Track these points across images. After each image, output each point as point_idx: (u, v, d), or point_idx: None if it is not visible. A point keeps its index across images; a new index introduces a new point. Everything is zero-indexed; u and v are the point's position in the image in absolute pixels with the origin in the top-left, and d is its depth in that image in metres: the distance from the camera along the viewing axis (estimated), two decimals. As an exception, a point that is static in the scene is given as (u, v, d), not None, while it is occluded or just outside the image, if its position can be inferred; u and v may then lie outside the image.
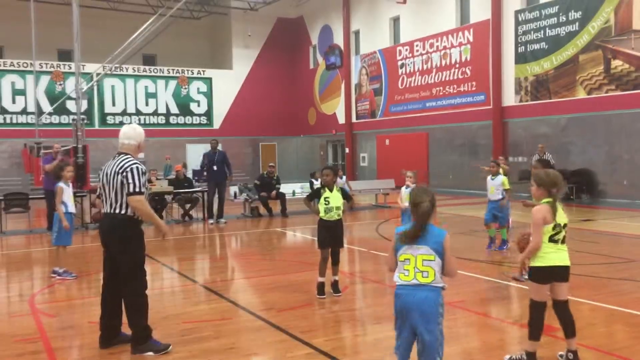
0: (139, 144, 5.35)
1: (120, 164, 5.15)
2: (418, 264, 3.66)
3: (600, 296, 6.86)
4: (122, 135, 5.33)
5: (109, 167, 5.24)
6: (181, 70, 32.52)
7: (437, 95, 25.13)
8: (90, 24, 26.16)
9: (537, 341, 4.68)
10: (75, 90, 18.45)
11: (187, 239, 13.00)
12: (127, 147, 5.31)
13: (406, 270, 3.68)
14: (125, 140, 5.32)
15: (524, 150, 21.34)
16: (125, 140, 5.32)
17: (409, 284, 3.66)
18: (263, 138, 34.52)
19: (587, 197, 18.79)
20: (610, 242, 11.06)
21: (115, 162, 5.21)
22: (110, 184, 5.17)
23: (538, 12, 20.59)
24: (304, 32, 34.63)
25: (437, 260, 3.66)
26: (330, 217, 7.16)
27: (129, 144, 5.31)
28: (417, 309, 3.61)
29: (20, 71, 28.77)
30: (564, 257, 4.62)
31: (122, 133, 5.35)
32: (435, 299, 3.65)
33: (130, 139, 5.32)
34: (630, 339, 5.43)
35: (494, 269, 8.51)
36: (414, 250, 3.68)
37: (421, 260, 3.66)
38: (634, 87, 17.64)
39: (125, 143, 5.31)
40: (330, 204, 7.16)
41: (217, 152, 15.14)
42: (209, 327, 5.99)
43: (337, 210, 7.18)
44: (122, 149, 5.32)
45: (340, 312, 6.54)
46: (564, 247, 4.69)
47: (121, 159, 5.21)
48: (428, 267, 3.65)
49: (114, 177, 5.14)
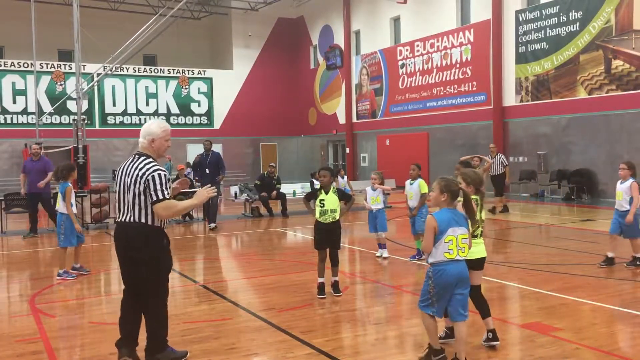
0: (152, 140, 4.74)
1: (140, 168, 4.60)
2: (459, 242, 4.57)
3: (601, 296, 6.86)
4: (140, 133, 4.83)
5: (127, 168, 4.69)
6: (182, 71, 32.54)
7: (438, 95, 25.13)
8: (90, 24, 26.18)
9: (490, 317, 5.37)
10: (76, 90, 18.47)
11: (188, 239, 13.01)
12: (142, 146, 4.78)
13: (450, 250, 4.54)
14: (140, 138, 4.81)
15: (525, 150, 21.34)
16: (140, 138, 4.80)
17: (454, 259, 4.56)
18: (263, 138, 34.53)
19: (588, 197, 18.78)
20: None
21: (134, 164, 4.67)
22: (127, 188, 4.62)
23: (539, 12, 20.58)
24: (304, 32, 34.63)
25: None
26: (324, 220, 7.09)
27: (142, 142, 4.78)
28: (459, 277, 4.58)
29: (21, 71, 28.79)
30: (482, 249, 5.19)
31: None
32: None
33: (143, 137, 4.77)
34: (631, 339, 5.43)
35: (493, 269, 8.50)
36: (454, 232, 4.55)
37: (461, 239, 4.58)
38: (634, 87, 17.63)
39: (140, 141, 4.80)
40: (325, 206, 7.08)
41: (211, 154, 14.64)
42: (209, 327, 5.99)
43: (332, 213, 7.08)
44: (139, 148, 4.82)
45: (340, 312, 6.54)
46: (482, 240, 5.23)
47: (140, 161, 4.68)
48: (465, 244, 4.59)
49: (134, 182, 4.58)
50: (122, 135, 30.23)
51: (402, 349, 5.25)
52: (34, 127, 26.00)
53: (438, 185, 4.63)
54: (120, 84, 30.80)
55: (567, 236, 11.80)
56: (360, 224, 14.83)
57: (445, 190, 4.60)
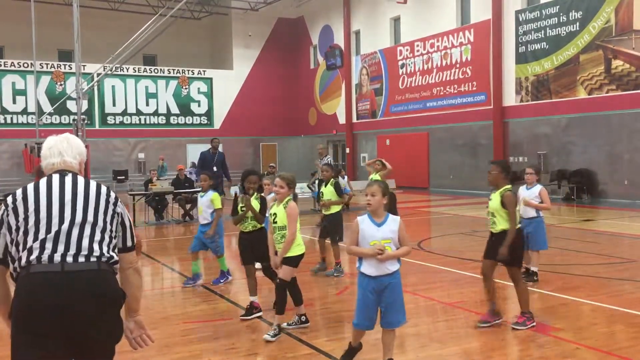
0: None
1: (99, 187, 2.98)
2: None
3: (601, 296, 6.86)
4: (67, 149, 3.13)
5: (62, 188, 2.89)
6: (182, 71, 32.53)
7: (438, 95, 25.13)
8: (90, 24, 26.20)
9: (282, 315, 5.65)
10: (76, 90, 18.47)
11: (187, 239, 12.98)
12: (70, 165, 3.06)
13: None
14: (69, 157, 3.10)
15: (525, 150, 21.34)
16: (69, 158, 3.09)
17: None
18: (264, 138, 34.52)
19: (588, 197, 18.79)
20: (611, 243, 11.05)
21: (77, 182, 2.94)
22: (78, 209, 2.85)
23: (539, 12, 20.58)
24: (304, 32, 34.63)
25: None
26: (244, 228, 6.54)
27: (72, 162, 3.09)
28: None
29: (21, 71, 28.77)
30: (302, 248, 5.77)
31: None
32: None
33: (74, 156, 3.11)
34: (631, 339, 5.43)
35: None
36: None
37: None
38: (634, 87, 17.63)
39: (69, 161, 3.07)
40: (246, 214, 6.53)
41: (217, 153, 14.71)
42: (209, 327, 5.99)
43: (253, 221, 6.47)
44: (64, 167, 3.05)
45: (340, 312, 6.54)
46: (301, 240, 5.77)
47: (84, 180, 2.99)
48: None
49: (98, 204, 2.90)
50: (122, 135, 30.22)
51: (403, 349, 5.25)
52: (34, 127, 26.01)
53: (380, 188, 4.52)
54: (120, 84, 30.78)
55: (567, 236, 11.79)
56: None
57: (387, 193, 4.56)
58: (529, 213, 7.67)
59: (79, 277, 2.73)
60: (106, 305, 2.79)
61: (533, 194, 7.68)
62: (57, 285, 2.69)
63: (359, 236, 4.50)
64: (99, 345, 2.83)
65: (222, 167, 14.60)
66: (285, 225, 5.65)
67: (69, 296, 2.69)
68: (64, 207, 2.82)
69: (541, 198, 7.64)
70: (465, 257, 9.50)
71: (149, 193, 15.83)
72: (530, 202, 7.66)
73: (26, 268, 2.73)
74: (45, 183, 2.89)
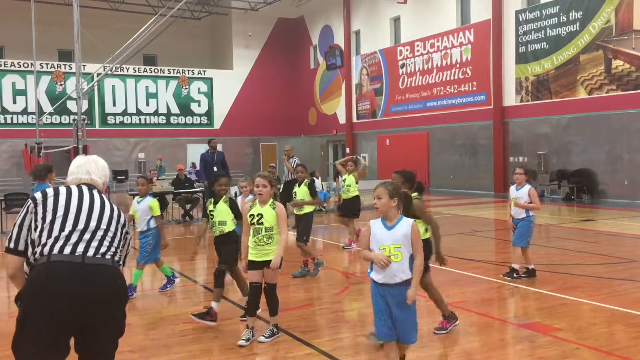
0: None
1: (114, 206, 3.30)
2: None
3: (601, 296, 6.86)
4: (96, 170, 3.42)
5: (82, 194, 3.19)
6: (182, 71, 32.54)
7: (438, 95, 25.12)
8: (90, 24, 26.15)
9: (253, 317, 5.62)
10: (76, 90, 18.46)
11: (187, 239, 12.99)
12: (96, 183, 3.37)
13: None
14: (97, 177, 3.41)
15: (525, 150, 21.34)
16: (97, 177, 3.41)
17: None
18: (263, 138, 34.51)
19: (588, 197, 18.78)
20: (611, 242, 11.05)
21: (103, 197, 3.31)
22: (99, 215, 3.15)
23: (539, 12, 20.58)
24: (304, 32, 34.62)
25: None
26: (214, 232, 6.52)
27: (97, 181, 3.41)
28: None
29: (21, 71, 28.79)
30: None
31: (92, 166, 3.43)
32: None
33: (100, 177, 3.43)
34: (631, 339, 5.42)
35: (494, 269, 8.50)
36: None
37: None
38: (634, 87, 17.63)
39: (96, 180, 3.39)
40: (214, 217, 6.44)
41: (216, 153, 14.84)
42: (209, 327, 5.98)
43: (220, 225, 6.42)
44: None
45: (340, 312, 6.53)
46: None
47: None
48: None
49: (111, 214, 3.21)
50: (122, 135, 30.23)
51: (402, 349, 5.24)
52: (34, 127, 26.01)
53: (386, 190, 4.23)
54: (120, 84, 30.79)
55: (567, 236, 11.79)
56: (361, 224, 14.83)
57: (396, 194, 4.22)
58: (519, 214, 7.69)
59: (98, 270, 2.96)
60: (120, 300, 3.06)
61: (522, 194, 7.68)
62: (76, 275, 2.89)
63: (370, 240, 4.22)
64: (108, 336, 3.04)
65: (222, 166, 14.68)
66: (272, 226, 5.48)
67: (88, 287, 2.89)
68: (92, 210, 3.13)
69: (530, 198, 7.62)
70: (465, 257, 9.50)
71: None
72: (519, 202, 7.65)
73: (47, 256, 2.92)
74: (77, 188, 3.22)
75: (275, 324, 5.61)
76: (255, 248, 5.49)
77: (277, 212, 5.49)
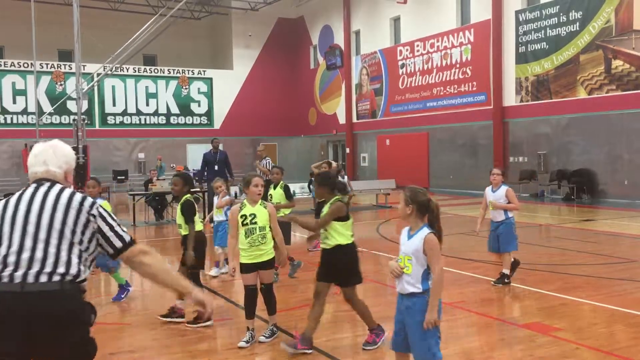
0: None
1: (71, 197, 2.81)
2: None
3: (601, 296, 6.86)
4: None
5: (32, 199, 2.77)
6: (182, 71, 32.53)
7: (438, 96, 25.13)
8: (90, 24, 26.16)
9: (252, 319, 5.52)
10: (76, 90, 18.47)
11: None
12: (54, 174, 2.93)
13: None
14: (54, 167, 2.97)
15: (525, 150, 21.34)
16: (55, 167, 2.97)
17: None
18: (264, 138, 34.49)
19: (588, 197, 18.78)
20: (611, 242, 11.06)
21: (50, 192, 2.80)
22: (40, 226, 2.70)
23: (539, 12, 20.58)
24: (304, 32, 34.63)
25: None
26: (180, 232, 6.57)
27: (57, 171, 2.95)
28: None
29: (21, 71, 28.78)
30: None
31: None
32: None
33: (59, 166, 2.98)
34: (631, 339, 5.42)
35: (494, 269, 8.50)
36: None
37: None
38: (634, 87, 17.63)
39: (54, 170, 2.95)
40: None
41: (219, 152, 14.95)
42: (208, 327, 5.98)
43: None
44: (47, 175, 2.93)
45: (340, 312, 6.53)
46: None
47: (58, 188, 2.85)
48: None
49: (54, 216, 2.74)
50: (122, 135, 30.21)
51: (402, 349, 5.24)
52: (34, 127, 25.98)
53: (403, 195, 4.03)
54: (120, 84, 30.78)
55: (567, 236, 11.80)
56: (361, 224, 14.83)
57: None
58: (497, 216, 7.48)
59: (38, 297, 2.58)
60: (66, 326, 2.63)
61: (499, 196, 7.48)
62: (15, 307, 2.55)
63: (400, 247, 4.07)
64: None
65: (224, 165, 14.76)
66: (265, 225, 5.42)
67: (27, 318, 2.55)
68: (27, 223, 2.67)
69: (508, 199, 7.44)
70: (465, 257, 9.50)
71: (149, 193, 15.84)
72: (497, 203, 7.46)
73: None
74: (16, 196, 2.79)
75: (274, 323, 5.61)
76: (248, 250, 5.40)
77: (270, 212, 5.49)
